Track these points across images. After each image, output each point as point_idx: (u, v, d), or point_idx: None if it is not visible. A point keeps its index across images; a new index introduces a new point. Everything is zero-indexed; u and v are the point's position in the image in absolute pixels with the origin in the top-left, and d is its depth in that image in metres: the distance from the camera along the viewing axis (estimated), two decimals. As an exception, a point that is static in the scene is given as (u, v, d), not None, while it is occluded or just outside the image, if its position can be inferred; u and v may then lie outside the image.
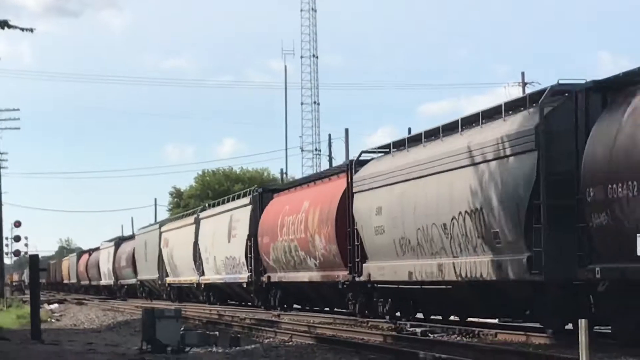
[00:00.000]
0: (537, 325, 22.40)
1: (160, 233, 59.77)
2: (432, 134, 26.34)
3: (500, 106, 22.84)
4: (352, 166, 31.24)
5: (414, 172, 26.14)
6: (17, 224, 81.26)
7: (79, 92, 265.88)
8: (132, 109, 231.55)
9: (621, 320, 18.14)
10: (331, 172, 36.73)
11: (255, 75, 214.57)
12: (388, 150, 29.57)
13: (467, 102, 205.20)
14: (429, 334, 23.58)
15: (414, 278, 26.08)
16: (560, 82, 20.52)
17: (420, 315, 28.52)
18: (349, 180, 31.11)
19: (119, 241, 76.89)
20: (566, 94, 20.26)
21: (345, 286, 31.50)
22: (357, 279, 30.09)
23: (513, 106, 22.66)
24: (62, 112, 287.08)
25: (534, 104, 20.96)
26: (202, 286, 50.80)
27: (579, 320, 10.80)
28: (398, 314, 28.49)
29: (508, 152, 21.40)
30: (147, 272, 63.32)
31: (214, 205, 51.66)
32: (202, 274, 50.10)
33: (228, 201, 48.00)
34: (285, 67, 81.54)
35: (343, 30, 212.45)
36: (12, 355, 20.77)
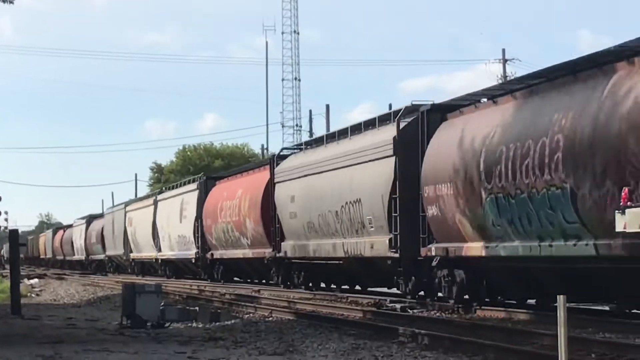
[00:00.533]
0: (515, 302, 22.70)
1: (126, 213, 63.65)
2: (332, 137, 32.47)
3: (375, 119, 28.79)
4: (274, 160, 37.17)
5: (317, 168, 31.83)
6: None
7: (60, 67, 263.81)
8: (113, 84, 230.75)
9: (449, 287, 23.47)
10: (260, 164, 42.59)
11: (237, 51, 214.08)
12: (302, 148, 35.59)
13: (448, 78, 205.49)
14: (409, 310, 23.69)
15: (317, 255, 31.96)
16: (413, 103, 26.25)
17: (323, 285, 34.39)
18: (272, 172, 36.69)
19: (89, 219, 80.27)
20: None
21: (269, 261, 37.15)
22: (277, 255, 35.83)
23: (384, 119, 28.11)
24: (43, 86, 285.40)
25: (396, 119, 26.29)
26: (160, 261, 55.83)
27: (558, 296, 10.87)
28: (310, 284, 33.89)
29: (377, 156, 26.98)
30: (114, 249, 67.64)
31: (170, 189, 56.68)
32: (160, 250, 55.18)
33: (180, 186, 53.31)
34: (267, 42, 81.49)
35: (323, 5, 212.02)
36: (-9, 330, 20.75)
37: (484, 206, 21.10)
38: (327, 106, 70.93)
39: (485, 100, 22.95)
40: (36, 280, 59.38)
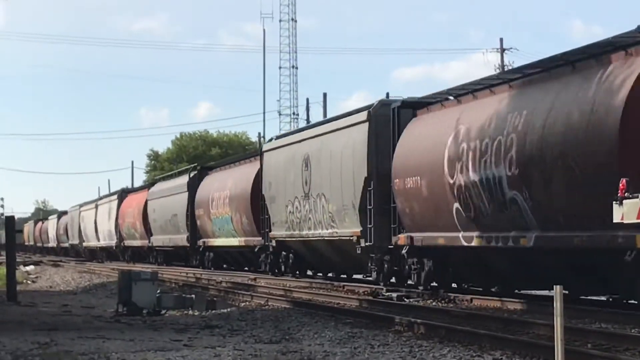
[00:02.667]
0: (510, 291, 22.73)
1: (80, 212, 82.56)
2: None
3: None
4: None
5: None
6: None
7: (53, 54, 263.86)
8: (106, 70, 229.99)
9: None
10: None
11: (228, 39, 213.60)
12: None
13: (442, 67, 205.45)
14: (405, 299, 23.69)
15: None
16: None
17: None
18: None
19: (60, 214, 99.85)
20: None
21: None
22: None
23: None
24: (37, 73, 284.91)
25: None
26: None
27: (555, 286, 10.85)
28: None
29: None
30: (73, 239, 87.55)
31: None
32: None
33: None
34: (264, 30, 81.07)
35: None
36: (-13, 316, 20.74)
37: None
38: (325, 94, 71.07)
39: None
40: (32, 267, 59.39)
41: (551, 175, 18.51)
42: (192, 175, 49.46)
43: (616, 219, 15.80)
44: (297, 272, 35.10)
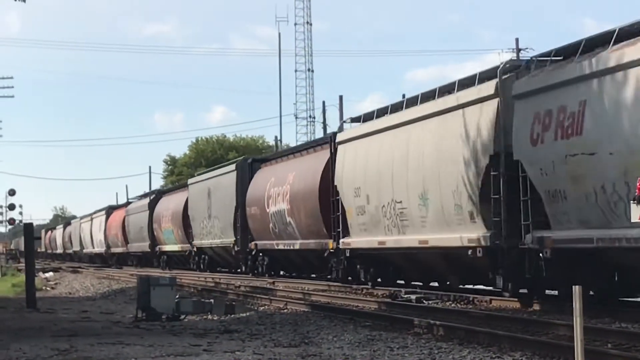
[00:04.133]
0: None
1: (80, 224, 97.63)
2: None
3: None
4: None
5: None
6: (12, 192, 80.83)
7: (68, 60, 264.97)
8: (119, 75, 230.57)
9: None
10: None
11: (239, 42, 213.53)
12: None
13: (454, 68, 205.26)
14: (424, 301, 23.65)
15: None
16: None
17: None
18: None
19: (65, 224, 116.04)
20: None
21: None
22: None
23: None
24: (53, 80, 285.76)
25: None
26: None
27: (573, 287, 10.81)
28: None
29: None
30: (75, 246, 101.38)
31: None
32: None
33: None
34: (279, 34, 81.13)
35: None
36: (7, 323, 20.81)
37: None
38: (341, 97, 70.98)
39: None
40: (51, 273, 59.55)
41: (299, 209, 34.26)
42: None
43: (634, 218, 15.73)
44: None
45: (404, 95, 28.49)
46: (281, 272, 41.35)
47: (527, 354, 13.04)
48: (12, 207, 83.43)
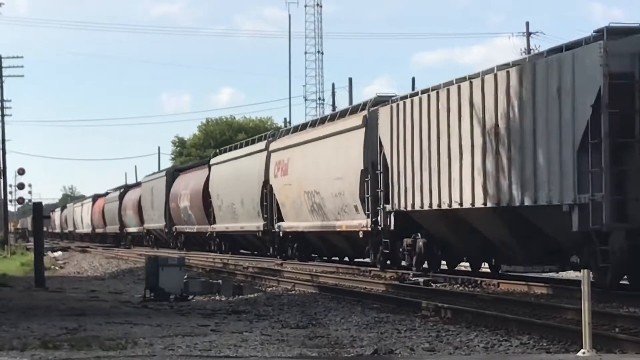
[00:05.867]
0: (538, 275, 22.66)
1: (73, 208, 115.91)
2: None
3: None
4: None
5: None
6: (21, 172, 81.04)
7: (76, 40, 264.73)
8: (127, 56, 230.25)
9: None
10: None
11: (248, 24, 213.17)
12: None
13: (462, 52, 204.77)
14: (432, 284, 23.66)
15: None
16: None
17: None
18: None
19: (62, 207, 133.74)
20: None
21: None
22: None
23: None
24: (62, 60, 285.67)
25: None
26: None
27: (582, 270, 10.81)
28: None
29: None
30: (70, 227, 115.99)
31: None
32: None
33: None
34: (290, 16, 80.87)
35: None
36: (16, 302, 20.87)
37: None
38: (350, 79, 70.79)
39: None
40: (60, 252, 59.72)
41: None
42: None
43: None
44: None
45: (413, 79, 30.76)
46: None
47: (535, 337, 13.03)
48: (21, 186, 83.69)
